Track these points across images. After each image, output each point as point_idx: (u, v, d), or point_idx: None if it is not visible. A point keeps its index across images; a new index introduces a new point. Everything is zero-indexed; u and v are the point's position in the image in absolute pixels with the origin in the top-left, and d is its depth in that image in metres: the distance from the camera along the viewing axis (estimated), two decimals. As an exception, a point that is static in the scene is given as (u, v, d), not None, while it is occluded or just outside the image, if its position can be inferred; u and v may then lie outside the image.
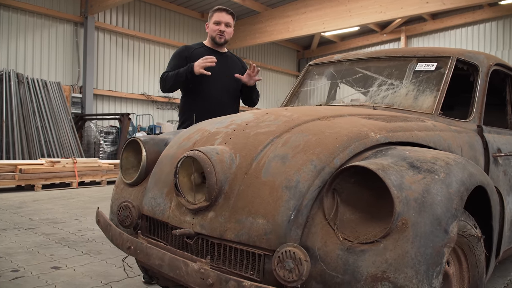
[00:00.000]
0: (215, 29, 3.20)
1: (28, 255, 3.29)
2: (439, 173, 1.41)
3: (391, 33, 17.09)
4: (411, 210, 1.30)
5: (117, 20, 13.08)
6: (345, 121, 1.78)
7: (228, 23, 3.22)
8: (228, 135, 1.80)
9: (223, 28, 3.19)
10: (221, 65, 3.17)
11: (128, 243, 1.75)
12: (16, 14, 10.70)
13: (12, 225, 4.32)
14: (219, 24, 3.19)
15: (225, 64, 3.25)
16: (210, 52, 3.23)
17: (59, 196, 6.58)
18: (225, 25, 3.20)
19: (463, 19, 15.31)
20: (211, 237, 1.58)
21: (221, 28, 3.18)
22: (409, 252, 1.25)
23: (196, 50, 3.23)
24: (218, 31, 3.18)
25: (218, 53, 3.25)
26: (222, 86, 3.19)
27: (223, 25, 3.19)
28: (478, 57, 2.55)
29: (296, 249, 1.33)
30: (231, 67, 3.29)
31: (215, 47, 3.28)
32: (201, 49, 3.26)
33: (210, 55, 3.13)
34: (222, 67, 3.18)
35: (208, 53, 3.19)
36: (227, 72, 3.23)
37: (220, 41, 3.22)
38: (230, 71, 3.25)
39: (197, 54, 3.18)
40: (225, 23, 3.20)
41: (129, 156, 2.24)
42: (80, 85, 12.12)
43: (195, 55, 3.17)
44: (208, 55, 3.15)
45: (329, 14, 13.21)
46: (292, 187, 1.47)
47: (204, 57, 3.00)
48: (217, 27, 3.19)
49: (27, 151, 8.52)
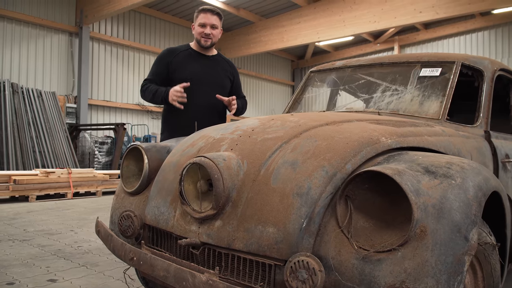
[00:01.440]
0: (200, 31, 3.00)
1: (23, 267, 3.19)
2: (456, 178, 1.37)
3: (385, 42, 17.19)
4: (430, 217, 1.25)
5: (112, 30, 13.05)
6: (354, 126, 1.74)
7: (214, 24, 3.01)
8: (234, 141, 1.75)
9: (209, 31, 2.98)
10: (207, 69, 3.01)
11: (130, 254, 1.68)
12: (11, 24, 10.63)
13: (7, 237, 4.21)
14: (204, 27, 2.99)
15: (212, 69, 3.06)
16: (197, 55, 3.07)
17: (53, 207, 6.47)
18: (211, 27, 2.99)
19: (456, 29, 15.45)
20: (219, 247, 1.52)
21: (206, 30, 2.98)
22: (429, 261, 1.20)
23: (181, 53, 3.05)
24: (203, 34, 2.98)
25: (204, 56, 3.09)
26: (208, 92, 2.97)
27: (208, 27, 2.98)
28: (482, 62, 2.53)
29: (309, 258, 1.28)
30: (218, 72, 3.09)
31: (202, 50, 3.09)
32: (186, 52, 3.07)
33: (195, 59, 3.01)
34: (208, 71, 3.01)
35: (195, 57, 3.05)
36: (214, 77, 3.04)
37: (206, 45, 3.02)
38: (217, 76, 3.06)
39: (183, 57, 3.02)
40: (211, 25, 2.99)
41: (130, 164, 2.18)
42: (74, 95, 12.02)
43: (179, 60, 3.01)
44: (193, 60, 3.01)
45: (323, 24, 13.27)
46: (303, 194, 1.41)
47: (177, 89, 2.81)
48: (202, 29, 2.99)
49: (21, 161, 8.39)
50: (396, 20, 11.93)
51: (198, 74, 2.96)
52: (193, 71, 2.98)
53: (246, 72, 17.70)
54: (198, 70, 2.99)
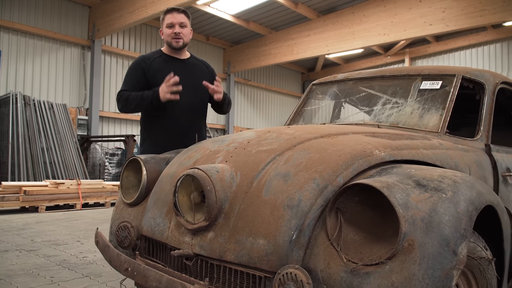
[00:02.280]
0: (169, 33, 2.82)
1: (28, 277, 3.22)
2: (447, 192, 1.36)
3: (395, 55, 17.17)
4: (418, 230, 1.25)
5: (123, 43, 13.26)
6: (348, 138, 1.75)
7: (182, 23, 2.83)
8: (229, 153, 1.77)
9: (178, 30, 2.81)
10: (182, 74, 2.78)
11: (125, 265, 1.70)
12: (25, 38, 10.88)
13: (14, 247, 4.26)
14: (173, 27, 2.81)
15: (188, 73, 2.88)
16: (169, 60, 2.89)
17: (62, 217, 6.53)
18: (180, 26, 2.82)
19: (467, 41, 15.37)
20: (211, 258, 1.53)
21: (175, 30, 2.80)
22: (416, 275, 1.19)
23: (154, 61, 2.86)
24: (173, 34, 2.81)
25: (178, 60, 2.91)
26: (185, 98, 2.77)
27: (177, 26, 2.81)
28: (484, 75, 2.52)
29: (297, 271, 1.28)
30: (195, 75, 2.90)
31: (174, 54, 2.91)
32: (159, 58, 2.89)
33: (170, 64, 2.85)
34: (184, 76, 2.78)
35: (170, 62, 2.88)
36: (191, 81, 2.84)
37: (178, 45, 2.83)
38: (194, 80, 2.86)
39: (156, 64, 2.85)
40: (179, 24, 2.82)
41: (129, 176, 2.20)
42: (86, 107, 12.20)
43: (154, 66, 2.84)
44: (167, 65, 2.84)
45: (332, 36, 13.33)
46: (294, 206, 1.42)
47: (166, 78, 2.64)
48: (170, 30, 2.81)
49: (32, 172, 8.52)
50: (406, 32, 11.92)
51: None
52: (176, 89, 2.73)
53: (256, 84, 17.80)
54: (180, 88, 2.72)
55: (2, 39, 10.41)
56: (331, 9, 13.42)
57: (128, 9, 11.23)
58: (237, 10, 12.98)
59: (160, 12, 10.51)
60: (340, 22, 13.26)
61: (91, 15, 12.36)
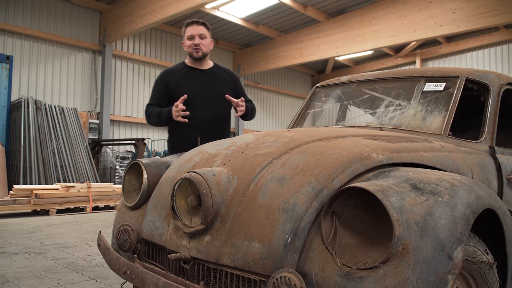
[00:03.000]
0: (189, 44, 3.01)
1: (35, 279, 3.26)
2: (443, 195, 1.35)
3: (406, 56, 17.03)
4: (412, 234, 1.23)
5: (134, 47, 13.39)
6: (346, 142, 1.74)
7: (202, 34, 3.02)
8: (227, 157, 1.77)
9: (198, 41, 2.99)
10: (205, 84, 2.99)
11: (124, 268, 1.71)
12: (37, 43, 11.05)
13: (24, 250, 4.32)
14: (193, 38, 3.00)
15: (209, 83, 3.04)
16: (193, 71, 3.06)
17: (72, 220, 6.60)
18: (199, 37, 3.01)
19: (479, 42, 15.18)
20: (207, 262, 1.53)
21: (195, 41, 2.99)
22: (410, 279, 1.18)
23: (178, 73, 3.05)
24: (193, 45, 2.99)
25: (200, 71, 3.07)
26: (212, 108, 2.97)
27: (197, 37, 2.99)
28: (488, 76, 2.48)
29: (291, 274, 1.28)
30: (216, 84, 3.06)
31: (196, 65, 3.08)
32: (183, 70, 3.07)
33: (192, 76, 3.02)
34: (207, 86, 2.99)
35: (192, 74, 3.04)
36: (213, 91, 3.01)
37: (198, 55, 3.01)
38: (217, 91, 3.02)
39: (180, 76, 3.03)
40: (199, 35, 3.00)
41: (131, 179, 2.22)
42: (97, 111, 12.34)
43: (178, 78, 3.02)
44: (192, 75, 3.02)
45: (342, 38, 13.28)
46: (289, 210, 1.41)
47: (177, 105, 2.80)
48: (191, 41, 3.00)
49: (43, 175, 8.64)
50: (416, 34, 11.83)
51: (197, 90, 2.95)
52: (192, 88, 2.95)
53: (266, 87, 17.81)
54: (196, 87, 2.97)
55: (14, 44, 10.59)
56: (341, 11, 13.38)
57: (138, 14, 11.34)
58: (246, 13, 13.02)
59: (169, 17, 10.62)
60: (349, 24, 13.21)
61: (102, 20, 12.51)
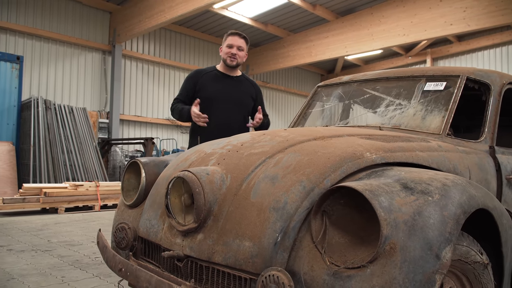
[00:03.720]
0: (227, 51, 3.23)
1: (40, 276, 3.31)
2: (434, 195, 1.34)
3: (416, 55, 16.88)
4: (400, 234, 1.23)
5: (143, 47, 13.49)
6: (341, 141, 1.74)
7: (241, 46, 3.25)
8: (222, 156, 1.78)
9: (235, 51, 3.22)
10: (229, 88, 3.22)
11: (119, 265, 1.74)
12: (48, 44, 11.19)
13: (30, 247, 4.39)
14: (232, 47, 3.22)
15: (236, 89, 3.28)
16: (221, 76, 3.28)
17: (80, 219, 6.68)
18: (237, 49, 3.23)
19: (491, 41, 14.98)
20: (200, 260, 1.54)
21: (233, 51, 3.21)
22: (397, 279, 1.18)
23: (206, 75, 3.28)
24: (230, 53, 3.21)
25: (229, 77, 3.30)
26: (231, 112, 3.19)
27: (235, 48, 3.22)
28: (490, 75, 2.46)
29: (280, 273, 1.28)
30: (241, 92, 3.30)
31: (227, 71, 3.31)
32: (212, 73, 3.30)
33: (219, 79, 3.22)
34: (229, 90, 3.22)
35: (219, 78, 3.25)
36: (235, 95, 3.24)
37: (232, 64, 3.23)
38: (240, 97, 3.27)
39: (208, 78, 3.25)
40: (237, 47, 3.23)
41: (130, 178, 2.25)
42: (107, 111, 12.46)
43: (205, 79, 3.23)
44: (217, 79, 3.22)
45: (351, 38, 13.22)
46: (279, 209, 1.42)
47: (195, 112, 3.01)
48: (229, 50, 3.22)
49: (53, 174, 8.75)
50: (426, 33, 11.72)
51: (220, 92, 3.16)
52: (215, 90, 3.18)
53: (275, 87, 17.79)
54: (220, 89, 3.18)
55: (25, 45, 10.74)
56: (350, 10, 13.31)
57: (146, 14, 11.42)
58: (255, 13, 13.02)
59: (177, 17, 10.68)
60: (358, 23, 13.13)
61: (111, 21, 12.62)
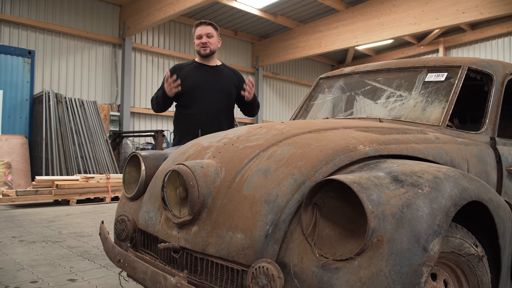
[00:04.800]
0: (197, 42, 3.26)
1: (49, 267, 3.39)
2: (424, 187, 1.34)
3: (429, 44, 16.63)
4: (388, 226, 1.24)
5: (153, 40, 13.55)
6: (336, 134, 1.74)
7: (209, 33, 3.25)
8: (218, 149, 1.80)
9: (205, 40, 3.22)
10: (210, 78, 3.22)
11: (118, 257, 1.78)
12: (59, 38, 11.32)
13: (41, 238, 4.49)
14: (201, 38, 3.24)
15: (216, 78, 3.28)
16: (199, 67, 3.29)
17: (91, 210, 6.80)
18: (207, 36, 3.24)
19: (505, 28, 14.67)
20: (194, 252, 1.57)
21: (202, 40, 3.23)
22: (383, 271, 1.19)
23: (186, 67, 3.29)
24: (201, 43, 3.23)
25: (208, 67, 3.30)
26: (213, 100, 3.19)
27: (204, 37, 3.23)
28: (492, 65, 2.42)
29: (269, 265, 1.30)
30: (222, 81, 3.29)
31: (205, 61, 3.31)
32: (192, 65, 3.32)
33: (198, 70, 3.25)
34: (212, 81, 3.23)
35: (199, 68, 3.27)
36: (218, 85, 3.25)
37: (206, 53, 3.24)
38: (221, 85, 3.27)
39: (188, 70, 3.27)
40: (206, 34, 3.23)
41: (131, 171, 2.28)
42: (118, 103, 12.58)
43: (185, 72, 3.25)
44: (197, 70, 3.25)
45: (361, 28, 13.07)
46: (271, 201, 1.44)
47: (166, 80, 3.06)
48: (199, 40, 3.24)
49: (64, 167, 8.90)
50: (438, 21, 11.53)
51: (201, 83, 3.17)
52: (195, 81, 3.19)
53: (285, 78, 17.74)
54: (200, 79, 3.20)
55: (37, 39, 10.88)
56: (360, 0, 13.15)
57: (155, 7, 11.45)
58: (264, 4, 12.94)
59: (186, 9, 10.69)
60: (369, 13, 12.97)
61: (121, 14, 12.69)
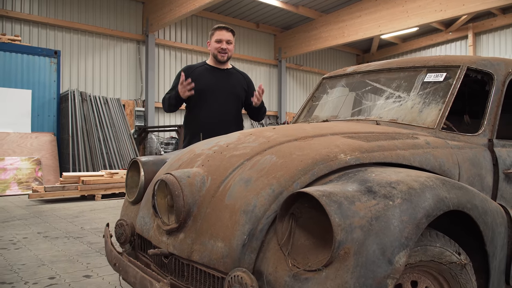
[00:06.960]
0: (216, 47, 3.29)
1: (68, 263, 3.57)
2: (395, 199, 1.36)
3: (457, 31, 16.10)
4: (355, 239, 1.27)
5: (175, 36, 13.72)
6: (320, 141, 1.76)
7: (229, 40, 3.30)
8: (208, 157, 1.86)
9: (225, 46, 3.27)
10: (220, 80, 3.27)
11: (114, 260, 1.88)
12: (85, 36, 11.64)
13: (64, 234, 4.70)
14: (220, 42, 3.27)
15: (228, 81, 3.33)
16: (211, 70, 3.33)
17: (115, 205, 7.03)
18: (226, 43, 3.28)
19: (539, 12, 14.04)
20: (181, 258, 1.65)
21: (222, 46, 3.27)
22: (348, 283, 1.22)
23: (197, 69, 3.33)
24: (220, 48, 3.27)
25: (219, 70, 3.36)
26: (223, 103, 3.25)
27: (224, 42, 3.27)
28: (494, 64, 2.37)
29: (244, 274, 1.36)
30: (233, 84, 3.35)
31: (217, 65, 3.37)
32: (203, 67, 3.36)
33: (210, 72, 3.27)
34: (221, 82, 3.27)
35: (209, 71, 3.30)
36: (229, 88, 3.30)
37: (223, 59, 3.30)
38: (232, 88, 3.32)
39: (199, 72, 3.30)
40: (226, 41, 3.28)
41: (133, 176, 2.38)
42: (143, 99, 12.85)
43: (197, 73, 3.28)
44: (208, 73, 3.27)
45: (385, 16, 12.79)
46: (249, 211, 1.49)
47: (180, 83, 3.08)
48: (218, 45, 3.28)
49: (90, 163, 9.22)
50: (465, 7, 11.14)
51: (211, 85, 3.22)
52: (207, 83, 3.23)
53: (308, 69, 17.60)
54: (211, 82, 3.24)
55: (64, 38, 11.22)
56: (383, -12, 12.85)
57: (177, 2, 11.57)
58: (285, -5, 12.87)
59: (206, 4, 10.74)
60: (393, 1, 12.66)
61: (144, 11, 12.90)
